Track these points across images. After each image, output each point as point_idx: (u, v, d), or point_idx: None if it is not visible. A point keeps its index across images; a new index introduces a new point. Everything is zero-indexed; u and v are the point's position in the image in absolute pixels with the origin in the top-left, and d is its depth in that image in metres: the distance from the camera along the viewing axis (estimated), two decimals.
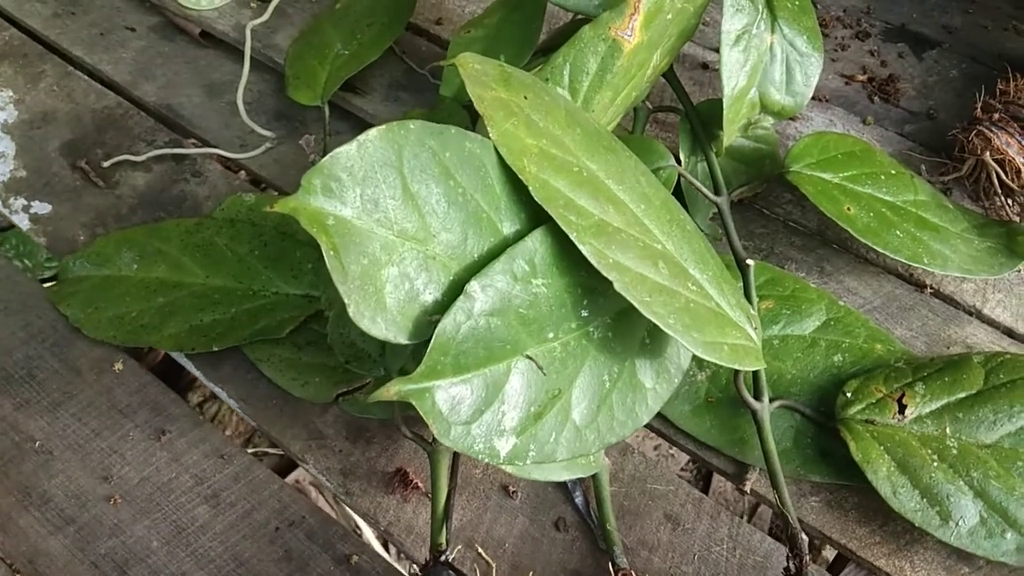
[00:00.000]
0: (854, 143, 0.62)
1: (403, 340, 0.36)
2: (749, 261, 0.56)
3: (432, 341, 0.35)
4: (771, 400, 0.53)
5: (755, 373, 0.52)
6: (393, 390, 0.34)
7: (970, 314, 0.60)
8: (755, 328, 0.47)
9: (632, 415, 0.44)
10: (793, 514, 0.48)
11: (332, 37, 0.71)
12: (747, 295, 0.55)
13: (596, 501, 0.52)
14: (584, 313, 0.41)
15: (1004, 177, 0.61)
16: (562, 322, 0.40)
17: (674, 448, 0.57)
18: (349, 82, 0.70)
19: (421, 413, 0.35)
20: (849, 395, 0.52)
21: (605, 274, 0.38)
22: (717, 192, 0.60)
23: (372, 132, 0.37)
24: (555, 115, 0.44)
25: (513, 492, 0.53)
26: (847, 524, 0.51)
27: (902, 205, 0.60)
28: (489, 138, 0.40)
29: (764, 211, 0.66)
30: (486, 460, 0.37)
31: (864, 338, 0.57)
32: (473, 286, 0.37)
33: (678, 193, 0.63)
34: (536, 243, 0.39)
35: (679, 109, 0.65)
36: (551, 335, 0.40)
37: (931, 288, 0.61)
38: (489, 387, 0.37)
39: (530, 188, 0.39)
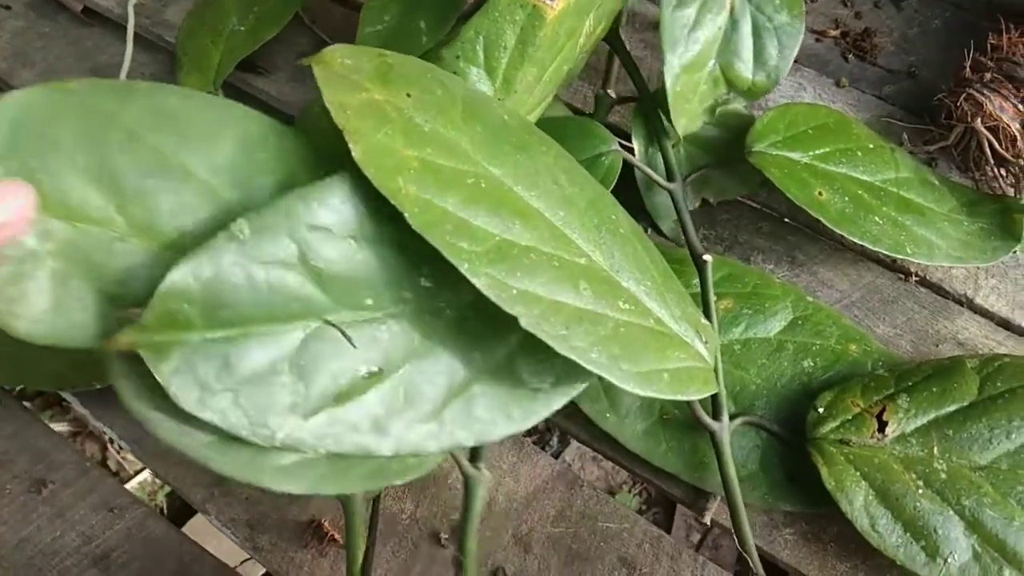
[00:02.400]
0: (827, 114, 0.56)
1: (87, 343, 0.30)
2: (706, 257, 0.50)
3: (161, 284, 0.29)
4: (733, 417, 0.47)
5: None
6: (124, 340, 0.28)
7: (961, 304, 0.54)
8: (707, 342, 0.41)
9: (504, 416, 0.36)
10: (755, 557, 0.43)
11: (229, 10, 0.63)
12: (704, 297, 0.49)
13: (461, 522, 0.44)
14: (424, 283, 0.35)
15: (997, 146, 0.54)
16: (387, 289, 0.34)
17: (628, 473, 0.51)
18: (250, 61, 0.63)
19: (156, 375, 0.28)
20: (821, 410, 0.46)
21: (508, 310, 0.33)
22: (670, 178, 0.54)
23: (14, 96, 0.30)
24: (449, 112, 0.38)
25: (445, 540, 0.48)
26: (826, 559, 0.46)
27: (882, 185, 0.54)
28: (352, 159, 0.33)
29: None
30: (257, 441, 0.30)
31: (837, 338, 0.51)
32: (241, 225, 0.31)
33: (632, 188, 0.56)
34: (344, 187, 0.33)
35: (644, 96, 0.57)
36: (369, 301, 0.33)
37: (916, 276, 0.55)
38: (264, 350, 0.31)
39: (406, 215, 0.32)
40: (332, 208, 0.33)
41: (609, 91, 0.58)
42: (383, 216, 0.33)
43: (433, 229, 0.33)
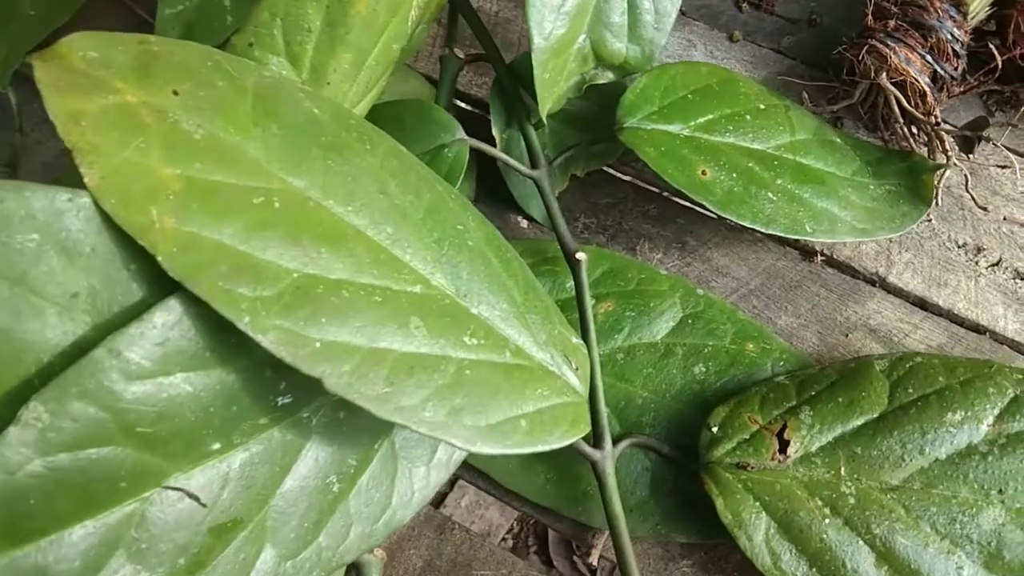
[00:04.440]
0: (709, 73, 0.49)
1: None
2: (579, 255, 0.43)
3: None
4: (617, 440, 0.41)
5: (592, 410, 0.40)
6: None
7: (872, 284, 0.49)
8: (577, 369, 0.35)
9: (384, 523, 0.34)
10: None
11: None
12: (580, 304, 0.42)
13: None
14: (283, 400, 0.29)
15: (906, 103, 0.48)
16: (237, 423, 0.28)
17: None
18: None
19: None
20: (715, 429, 0.40)
21: (308, 372, 0.27)
22: (534, 164, 0.46)
23: None
24: (234, 110, 0.31)
25: None
26: None
27: (775, 153, 0.47)
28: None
29: (610, 172, 0.52)
30: None
31: (732, 337, 0.45)
32: (35, 410, 0.24)
33: (493, 171, 0.48)
34: (171, 307, 0.27)
35: (498, 58, 0.50)
36: (216, 446, 0.28)
37: (822, 255, 0.50)
38: (89, 545, 0.25)
39: (159, 259, 0.26)
40: (154, 342, 0.26)
41: (456, 50, 0.50)
42: (223, 330, 0.27)
43: (198, 275, 0.26)
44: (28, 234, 0.25)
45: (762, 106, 0.49)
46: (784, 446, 0.39)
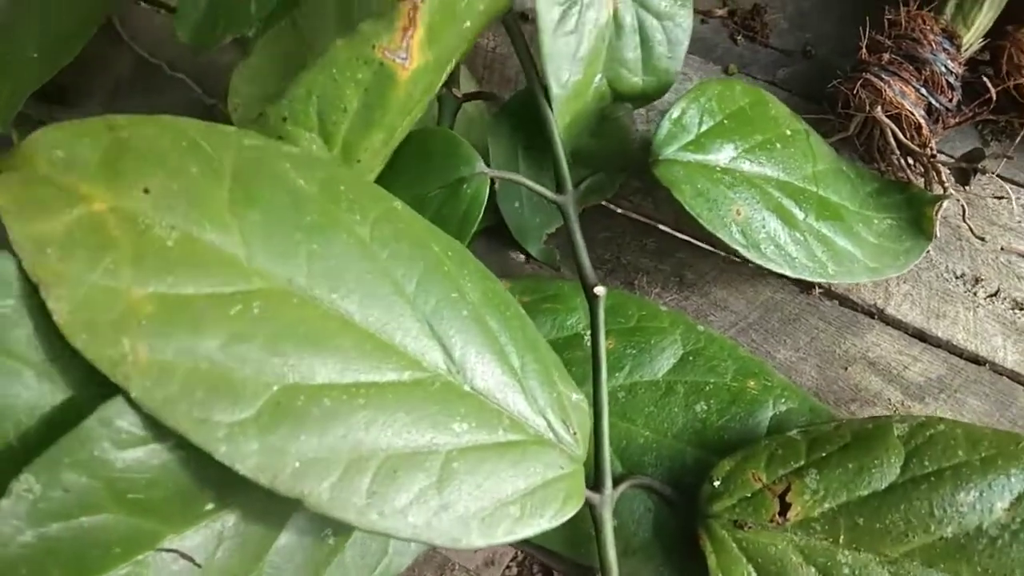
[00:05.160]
0: (743, 92, 0.47)
1: None
2: (598, 290, 0.42)
3: None
4: (618, 481, 0.40)
5: (596, 452, 0.39)
6: None
7: (871, 315, 0.48)
8: (575, 433, 0.34)
9: (386, 563, 0.34)
10: None
11: (20, 31, 0.53)
12: (594, 337, 0.42)
13: None
14: None
15: (902, 136, 0.47)
16: (232, 482, 0.27)
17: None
18: (55, 89, 0.54)
19: None
20: (717, 484, 0.39)
21: (287, 494, 0.26)
22: (560, 189, 0.45)
23: None
24: (211, 200, 0.29)
25: None
26: None
27: (802, 185, 0.46)
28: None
29: (607, 205, 0.52)
30: None
31: (733, 374, 0.44)
32: (27, 480, 0.24)
33: (490, 207, 0.48)
34: None
35: (495, 96, 0.49)
36: (210, 506, 0.27)
37: (820, 287, 0.49)
38: None
39: (133, 395, 0.25)
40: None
41: (454, 90, 0.50)
42: None
43: (173, 408, 0.24)
44: (5, 299, 0.25)
45: (788, 132, 0.47)
46: (785, 509, 0.37)
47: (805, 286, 0.49)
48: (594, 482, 0.39)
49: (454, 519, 0.29)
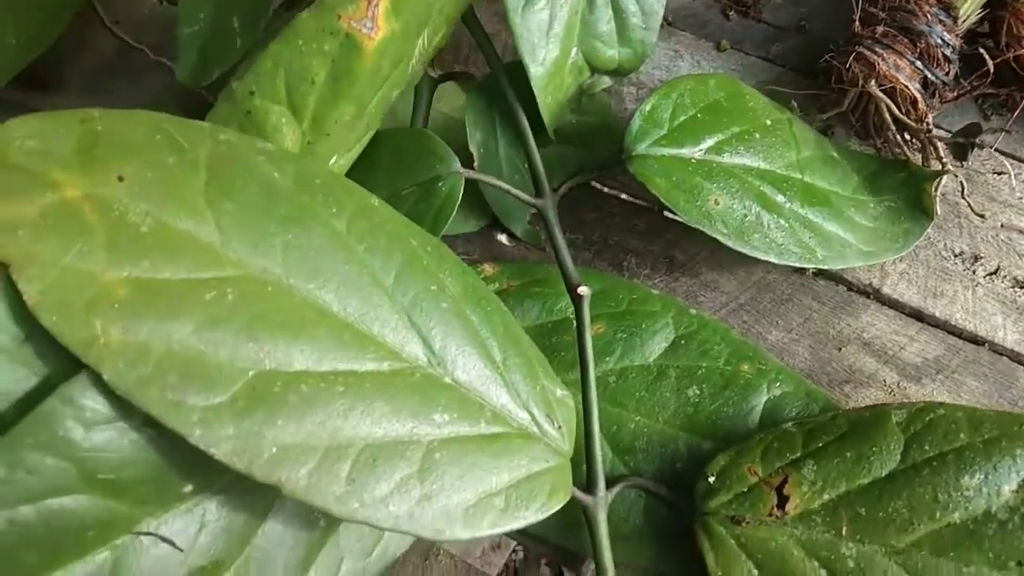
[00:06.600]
0: (716, 86, 0.47)
1: None
2: (582, 289, 0.41)
3: None
4: (611, 481, 0.39)
5: (587, 453, 0.38)
6: None
7: (866, 295, 0.47)
8: (560, 428, 0.34)
9: (382, 547, 0.33)
10: None
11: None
12: (579, 337, 0.41)
13: None
14: None
15: (897, 111, 0.46)
16: (211, 462, 0.27)
17: None
18: (34, 75, 0.52)
19: None
20: (712, 479, 0.38)
21: (263, 481, 0.25)
22: (539, 192, 0.45)
23: None
24: (186, 189, 0.28)
25: None
26: None
27: (784, 173, 0.45)
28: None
29: (595, 185, 0.50)
30: None
31: (726, 358, 0.43)
32: None
33: (474, 191, 0.47)
34: None
35: (472, 76, 0.48)
36: (188, 487, 0.27)
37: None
38: None
39: (105, 378, 0.24)
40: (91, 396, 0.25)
41: (429, 70, 0.48)
42: None
43: (146, 389, 0.24)
44: None
45: (768, 122, 0.47)
46: (782, 502, 0.36)
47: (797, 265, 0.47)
48: (586, 484, 0.38)
49: (437, 510, 0.28)
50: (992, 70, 0.48)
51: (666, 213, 0.50)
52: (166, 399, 0.24)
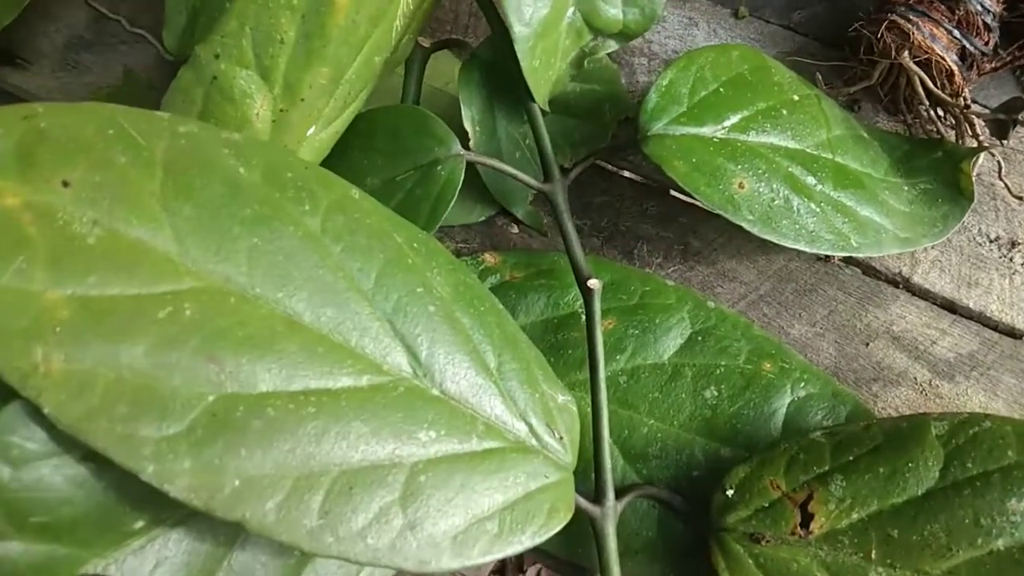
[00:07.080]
0: (740, 58, 0.43)
1: None
2: (592, 282, 0.38)
3: None
4: (621, 491, 0.36)
5: (596, 459, 0.35)
6: None
7: (895, 285, 0.43)
8: (562, 438, 0.31)
9: (368, 572, 0.29)
10: None
11: None
12: (589, 334, 0.38)
13: None
14: None
15: (931, 85, 0.42)
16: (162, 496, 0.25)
17: None
18: (3, 52, 0.49)
19: None
20: (731, 492, 0.35)
21: (225, 518, 0.23)
22: (547, 176, 0.41)
23: None
24: (140, 192, 0.25)
25: None
26: None
27: (815, 153, 0.42)
28: None
29: (604, 165, 0.47)
30: None
31: (746, 355, 0.40)
32: None
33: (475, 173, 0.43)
34: None
35: (466, 44, 0.44)
36: (140, 524, 0.25)
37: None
38: None
39: (46, 411, 0.22)
40: (40, 422, 0.23)
41: (420, 39, 0.44)
42: None
43: (93, 423, 0.22)
44: None
45: (796, 97, 0.42)
46: (808, 519, 0.33)
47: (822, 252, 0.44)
48: (595, 493, 0.35)
49: (422, 539, 0.26)
50: None
51: (679, 195, 0.46)
52: (115, 432, 0.22)
